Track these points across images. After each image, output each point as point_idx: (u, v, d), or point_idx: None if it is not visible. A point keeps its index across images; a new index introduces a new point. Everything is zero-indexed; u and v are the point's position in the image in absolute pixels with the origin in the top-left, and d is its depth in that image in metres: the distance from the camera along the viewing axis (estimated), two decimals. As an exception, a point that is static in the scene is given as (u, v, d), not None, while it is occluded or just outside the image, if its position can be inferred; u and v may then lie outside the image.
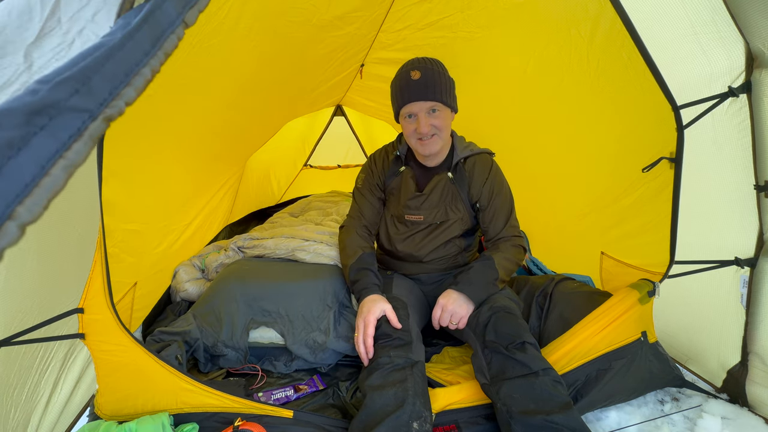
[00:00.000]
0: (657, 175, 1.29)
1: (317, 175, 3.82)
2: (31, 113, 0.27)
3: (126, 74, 0.34)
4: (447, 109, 1.32)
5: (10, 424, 0.95)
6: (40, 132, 0.28)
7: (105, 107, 0.32)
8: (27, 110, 0.27)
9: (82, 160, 0.30)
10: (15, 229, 0.26)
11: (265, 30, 1.49)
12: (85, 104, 0.31)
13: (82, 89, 0.31)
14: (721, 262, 1.26)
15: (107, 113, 0.32)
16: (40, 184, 0.27)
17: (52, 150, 0.28)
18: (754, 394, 1.22)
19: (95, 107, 0.32)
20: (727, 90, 1.12)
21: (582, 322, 1.26)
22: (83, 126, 0.30)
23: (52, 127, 0.28)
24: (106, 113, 0.32)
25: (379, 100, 2.78)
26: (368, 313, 1.20)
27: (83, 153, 0.30)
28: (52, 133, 0.28)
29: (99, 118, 0.32)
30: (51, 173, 0.28)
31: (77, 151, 0.30)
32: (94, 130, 0.31)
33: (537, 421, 0.96)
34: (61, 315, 1.07)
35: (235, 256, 1.79)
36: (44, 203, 0.28)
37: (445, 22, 1.83)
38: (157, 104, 1.28)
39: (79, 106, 0.30)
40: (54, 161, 0.28)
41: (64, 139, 0.29)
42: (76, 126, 0.30)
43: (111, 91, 0.33)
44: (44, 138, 0.28)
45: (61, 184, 0.29)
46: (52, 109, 0.29)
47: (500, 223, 1.42)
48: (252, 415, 1.09)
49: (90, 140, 0.31)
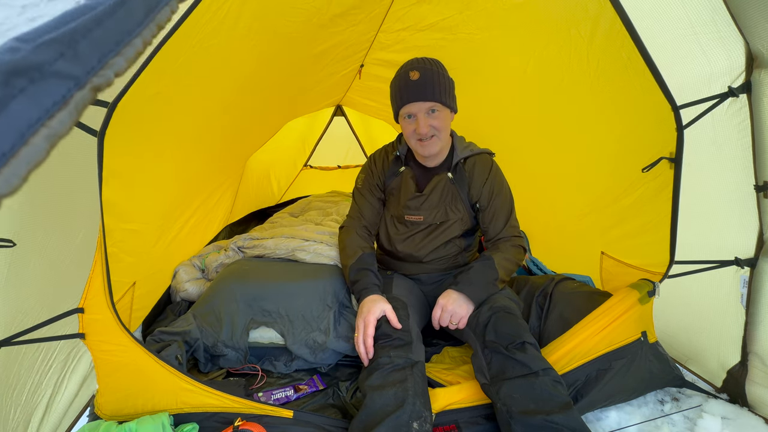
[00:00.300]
0: (657, 175, 1.29)
1: (317, 175, 3.82)
2: (9, 73, 0.25)
3: (116, 43, 0.32)
4: (446, 110, 1.32)
5: (10, 425, 0.95)
6: (19, 95, 0.25)
7: (93, 75, 0.30)
8: (5, 69, 0.25)
9: (66, 130, 0.28)
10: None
11: (264, 30, 1.49)
12: (72, 70, 0.28)
13: (68, 53, 0.28)
14: (721, 262, 1.26)
15: (95, 82, 0.30)
16: (18, 154, 0.25)
17: (33, 117, 0.26)
18: (754, 394, 1.22)
19: (82, 74, 0.29)
20: (727, 90, 1.12)
21: (582, 322, 1.26)
22: (68, 94, 0.28)
23: (33, 92, 0.26)
24: (94, 82, 0.30)
25: (379, 100, 2.77)
26: (368, 314, 1.20)
27: (68, 123, 0.28)
28: (34, 98, 0.26)
29: (86, 86, 0.29)
30: (31, 142, 0.25)
31: (61, 121, 0.27)
32: (80, 100, 0.29)
33: (537, 421, 0.96)
34: (62, 315, 1.07)
35: (235, 256, 1.79)
36: (23, 175, 0.25)
37: (444, 23, 1.83)
38: (158, 104, 1.29)
39: (64, 71, 0.28)
40: (35, 129, 0.26)
41: (47, 106, 0.27)
42: (60, 93, 0.27)
43: (100, 59, 0.30)
44: (24, 102, 0.25)
45: (43, 155, 0.26)
46: (35, 72, 0.26)
47: (500, 224, 1.42)
48: (252, 415, 1.09)
49: (75, 110, 0.28)
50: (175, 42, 1.07)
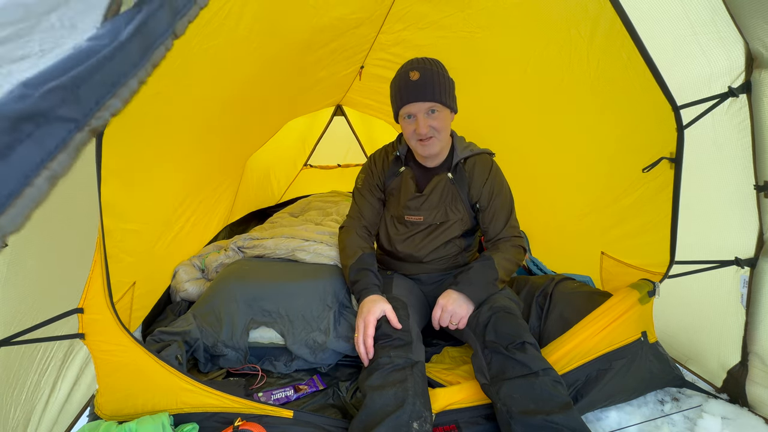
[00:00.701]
0: (657, 175, 1.29)
1: (317, 175, 3.82)
2: (18, 120, 0.27)
3: (113, 85, 0.33)
4: (446, 110, 1.32)
5: (10, 424, 0.95)
6: (26, 140, 0.27)
7: (91, 118, 0.32)
8: (15, 116, 0.26)
9: (65, 171, 0.30)
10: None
11: (265, 31, 1.49)
12: (72, 114, 0.30)
13: (69, 98, 0.30)
14: (721, 262, 1.26)
15: (93, 124, 0.32)
16: (23, 195, 0.26)
17: (37, 159, 0.28)
18: (754, 394, 1.22)
19: (81, 117, 0.31)
20: (726, 90, 1.12)
21: (582, 322, 1.26)
22: (69, 136, 0.30)
23: (38, 136, 0.28)
24: (92, 124, 0.32)
25: (380, 100, 2.77)
26: (368, 314, 1.20)
27: (67, 164, 0.30)
28: (39, 141, 0.28)
29: (85, 128, 0.31)
30: (34, 183, 0.27)
31: (61, 162, 0.29)
32: (79, 141, 0.31)
33: (537, 421, 0.96)
34: (61, 315, 1.07)
35: (235, 256, 1.79)
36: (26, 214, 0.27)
37: (445, 22, 1.83)
38: (158, 105, 1.28)
39: (66, 115, 0.30)
40: (38, 171, 0.28)
41: (50, 149, 0.28)
42: (62, 136, 0.29)
43: (97, 101, 0.32)
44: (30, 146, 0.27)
45: (44, 195, 0.28)
46: (41, 118, 0.28)
47: (500, 224, 1.42)
48: (252, 415, 1.09)
49: (74, 151, 0.30)
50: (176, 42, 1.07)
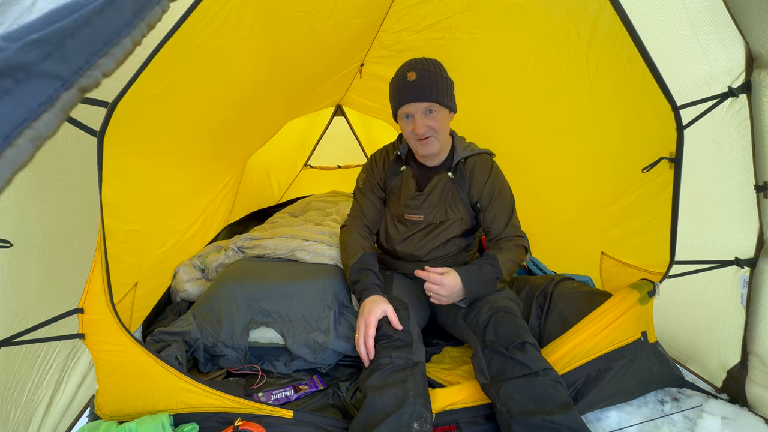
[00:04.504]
0: (657, 175, 1.29)
1: (317, 175, 3.82)
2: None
3: (105, 43, 0.31)
4: (444, 110, 1.32)
5: (10, 424, 0.95)
6: (4, 96, 0.25)
7: (80, 76, 0.29)
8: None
9: (52, 132, 0.28)
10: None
11: (266, 31, 1.49)
12: (58, 70, 0.28)
13: (56, 53, 0.28)
14: (721, 262, 1.26)
15: (82, 83, 0.29)
16: (3, 155, 0.25)
17: (19, 118, 0.25)
18: (754, 394, 1.22)
19: (69, 75, 0.28)
20: (727, 90, 1.12)
21: (582, 322, 1.26)
22: (55, 94, 0.28)
23: (19, 92, 0.25)
24: (81, 83, 0.29)
25: (379, 100, 2.77)
26: (369, 314, 1.20)
27: (54, 125, 0.27)
28: (20, 98, 0.26)
29: (73, 87, 0.29)
30: (16, 144, 0.25)
31: (47, 123, 0.27)
32: (67, 101, 0.28)
33: (537, 421, 0.96)
34: (62, 315, 1.07)
35: (235, 256, 1.79)
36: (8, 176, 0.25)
37: (444, 23, 1.83)
38: (158, 105, 1.29)
39: (51, 71, 0.27)
40: (20, 131, 0.25)
41: (33, 107, 0.26)
42: (47, 94, 0.27)
43: (87, 59, 0.30)
44: (9, 103, 0.25)
45: (28, 157, 0.26)
46: (20, 72, 0.26)
47: (502, 223, 1.43)
48: (252, 415, 1.09)
49: (62, 111, 0.28)
50: (176, 43, 1.07)
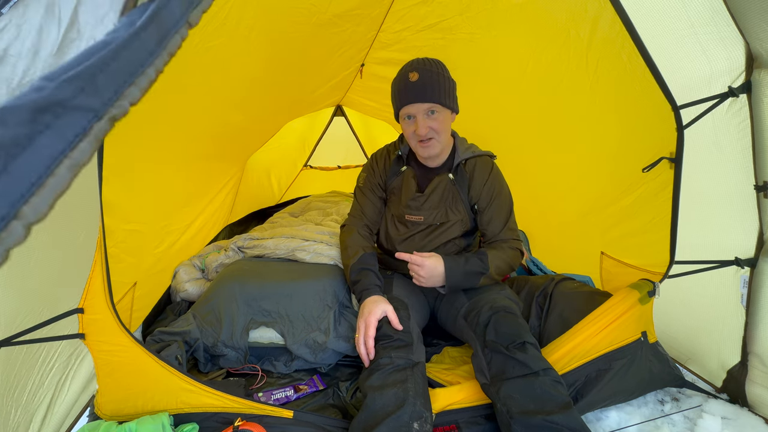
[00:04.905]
0: (657, 175, 1.29)
1: (317, 175, 3.82)
2: (36, 111, 0.27)
3: (131, 74, 0.34)
4: (446, 111, 1.32)
5: (10, 425, 0.95)
6: (45, 130, 0.27)
7: (110, 107, 0.32)
8: (33, 108, 0.27)
9: (87, 160, 0.30)
10: (20, 229, 0.26)
11: (266, 31, 1.49)
12: (91, 103, 0.31)
13: (88, 88, 0.30)
14: (721, 262, 1.26)
15: (112, 113, 0.32)
16: (45, 184, 0.27)
17: (58, 149, 0.28)
18: (754, 394, 1.22)
19: (100, 106, 0.31)
20: (727, 90, 1.12)
21: (582, 322, 1.26)
22: (89, 125, 0.30)
23: (58, 126, 0.28)
24: (111, 113, 0.32)
25: (380, 100, 2.78)
26: (369, 314, 1.20)
27: (88, 153, 0.30)
28: (58, 132, 0.28)
29: (104, 117, 0.32)
30: (56, 173, 0.28)
31: (82, 151, 0.30)
32: (99, 130, 0.31)
33: (537, 421, 0.96)
34: (62, 315, 1.07)
35: (235, 256, 1.79)
36: (50, 203, 0.28)
37: (444, 24, 1.83)
38: (159, 104, 1.28)
39: (84, 105, 0.30)
40: (59, 161, 0.28)
41: (70, 139, 0.29)
42: (81, 125, 0.30)
43: (116, 91, 0.33)
44: (50, 137, 0.28)
45: (66, 184, 0.29)
46: (58, 108, 0.28)
47: (498, 225, 1.43)
48: (252, 415, 1.09)
49: (95, 140, 0.31)
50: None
